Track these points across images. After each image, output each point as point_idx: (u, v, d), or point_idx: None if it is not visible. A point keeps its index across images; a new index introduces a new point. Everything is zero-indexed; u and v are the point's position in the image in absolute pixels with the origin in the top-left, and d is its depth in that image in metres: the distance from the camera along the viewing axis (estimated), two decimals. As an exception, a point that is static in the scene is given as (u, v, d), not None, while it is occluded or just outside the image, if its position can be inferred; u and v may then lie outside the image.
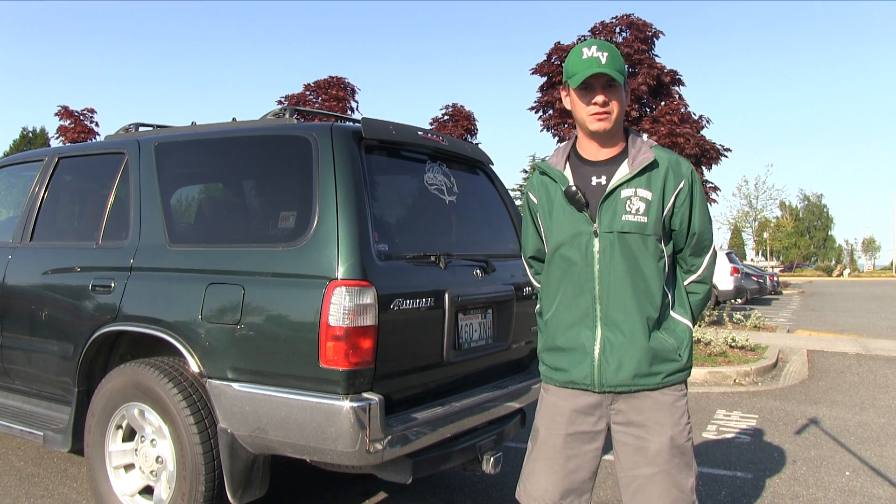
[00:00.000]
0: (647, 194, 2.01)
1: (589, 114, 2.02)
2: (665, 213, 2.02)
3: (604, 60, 1.96)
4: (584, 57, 1.99)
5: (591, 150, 2.10)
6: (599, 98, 1.99)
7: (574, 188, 2.05)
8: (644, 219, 2.00)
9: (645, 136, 2.12)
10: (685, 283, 2.15)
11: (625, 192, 2.01)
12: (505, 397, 3.34)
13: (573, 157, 2.14)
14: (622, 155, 2.06)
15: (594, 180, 2.07)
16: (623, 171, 2.03)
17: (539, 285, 2.32)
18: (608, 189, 2.02)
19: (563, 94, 2.11)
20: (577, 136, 2.15)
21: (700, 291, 2.16)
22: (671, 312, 2.09)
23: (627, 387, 2.02)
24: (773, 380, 7.61)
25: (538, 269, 2.34)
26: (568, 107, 2.11)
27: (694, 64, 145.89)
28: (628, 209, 2.00)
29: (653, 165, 2.02)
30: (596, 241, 2.03)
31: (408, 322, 2.85)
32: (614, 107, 2.01)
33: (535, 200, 2.20)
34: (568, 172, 2.11)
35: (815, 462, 4.52)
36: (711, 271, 2.15)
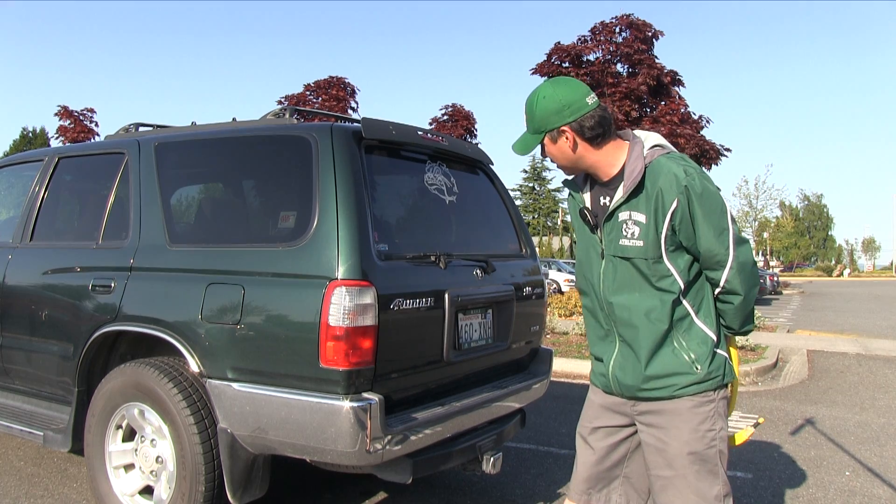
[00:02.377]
0: (641, 217, 1.97)
1: None
2: (663, 233, 1.94)
3: (525, 126, 2.05)
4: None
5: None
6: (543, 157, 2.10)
7: (585, 210, 2.09)
8: (640, 243, 1.97)
9: (650, 143, 2.02)
10: (714, 293, 2.05)
11: (622, 216, 2.00)
12: (505, 397, 3.34)
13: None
14: (622, 174, 2.03)
15: (601, 200, 2.08)
16: (619, 193, 2.01)
17: None
18: (607, 212, 2.03)
19: None
20: None
21: (731, 301, 2.03)
22: (696, 322, 2.02)
23: (642, 399, 2.05)
24: (773, 380, 7.61)
25: None
26: None
27: (694, 63, 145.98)
28: (625, 233, 1.99)
29: (641, 186, 1.97)
30: (603, 262, 2.06)
31: (408, 322, 2.85)
32: (555, 158, 2.07)
33: (570, 213, 2.26)
34: (587, 192, 2.13)
35: (815, 462, 4.52)
36: (738, 283, 1.99)
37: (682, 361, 2.00)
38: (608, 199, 2.05)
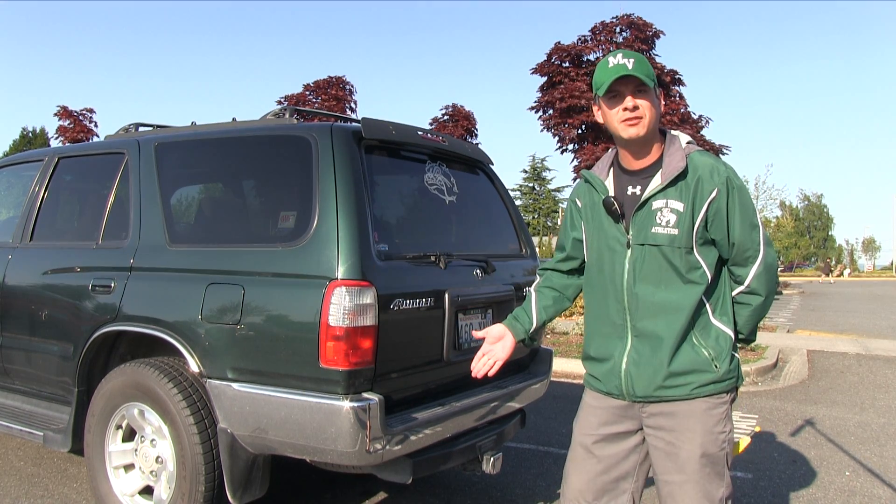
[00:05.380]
0: (679, 206, 1.96)
1: (619, 120, 1.97)
2: (697, 224, 1.95)
3: (630, 66, 1.92)
4: (611, 65, 1.95)
5: (628, 160, 2.06)
6: (629, 102, 1.94)
7: (611, 199, 2.04)
8: (675, 231, 1.96)
9: (685, 139, 2.05)
10: (733, 293, 2.06)
11: (656, 204, 1.98)
12: (505, 397, 3.34)
13: (615, 165, 2.12)
14: (657, 164, 2.02)
15: (630, 190, 2.04)
16: (656, 181, 1.99)
17: (534, 293, 2.32)
18: (640, 200, 2.00)
19: (595, 109, 2.08)
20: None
21: (749, 303, 2.05)
22: (713, 321, 2.01)
23: (656, 398, 2.00)
24: (773, 380, 7.61)
25: (547, 281, 2.33)
26: (601, 121, 2.07)
27: (694, 62, 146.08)
28: (659, 221, 1.97)
29: (683, 175, 1.96)
30: (628, 252, 2.01)
31: (408, 322, 2.85)
32: (645, 110, 1.94)
33: (580, 205, 2.19)
34: (609, 182, 2.09)
35: (815, 462, 4.52)
36: (762, 283, 2.02)
37: (702, 358, 1.98)
38: (639, 188, 2.02)
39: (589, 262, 2.16)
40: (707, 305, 2.01)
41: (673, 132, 2.08)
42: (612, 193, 2.06)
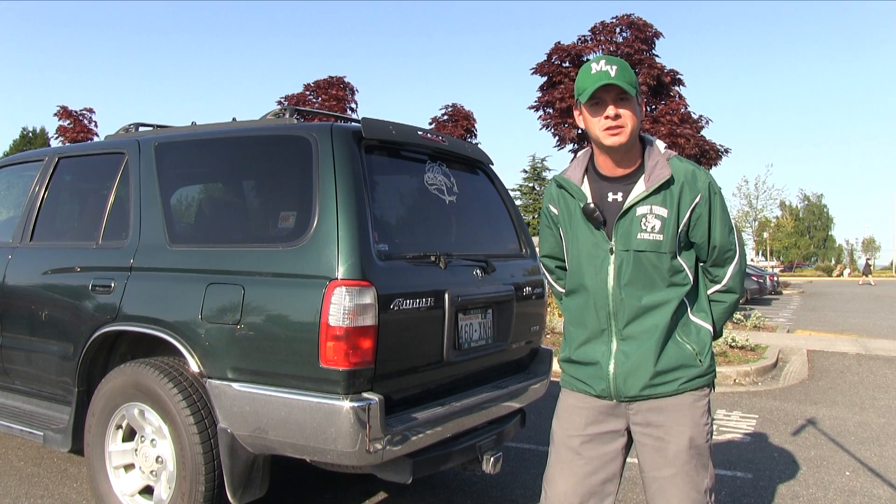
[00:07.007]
0: (663, 212, 1.98)
1: (601, 129, 1.97)
2: (681, 228, 2.00)
3: (613, 73, 1.93)
4: (593, 72, 1.95)
5: (608, 166, 2.06)
6: (611, 111, 1.94)
7: (592, 206, 2.04)
8: (660, 237, 1.98)
9: (662, 145, 2.08)
10: (709, 291, 2.12)
11: (640, 210, 1.99)
12: (505, 397, 3.34)
13: (591, 170, 2.11)
14: (639, 171, 2.03)
15: (610, 196, 2.05)
16: (639, 188, 2.00)
17: (561, 290, 2.31)
18: (624, 207, 2.01)
19: (576, 113, 2.07)
20: (593, 150, 2.11)
21: (725, 300, 2.13)
22: (692, 317, 2.07)
23: (645, 396, 2.03)
24: (773, 380, 7.61)
25: (559, 275, 2.32)
26: (582, 126, 2.07)
27: (694, 63, 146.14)
28: (644, 227, 1.99)
29: (669, 182, 1.98)
30: (612, 259, 2.03)
31: (408, 322, 2.85)
32: (627, 119, 1.95)
33: (555, 212, 2.18)
34: (586, 187, 2.08)
35: (815, 462, 4.52)
36: (737, 282, 2.11)
37: (687, 353, 2.03)
38: (620, 194, 2.03)
39: (569, 269, 2.17)
40: (687, 304, 2.07)
41: (650, 137, 2.10)
42: (590, 200, 2.06)
